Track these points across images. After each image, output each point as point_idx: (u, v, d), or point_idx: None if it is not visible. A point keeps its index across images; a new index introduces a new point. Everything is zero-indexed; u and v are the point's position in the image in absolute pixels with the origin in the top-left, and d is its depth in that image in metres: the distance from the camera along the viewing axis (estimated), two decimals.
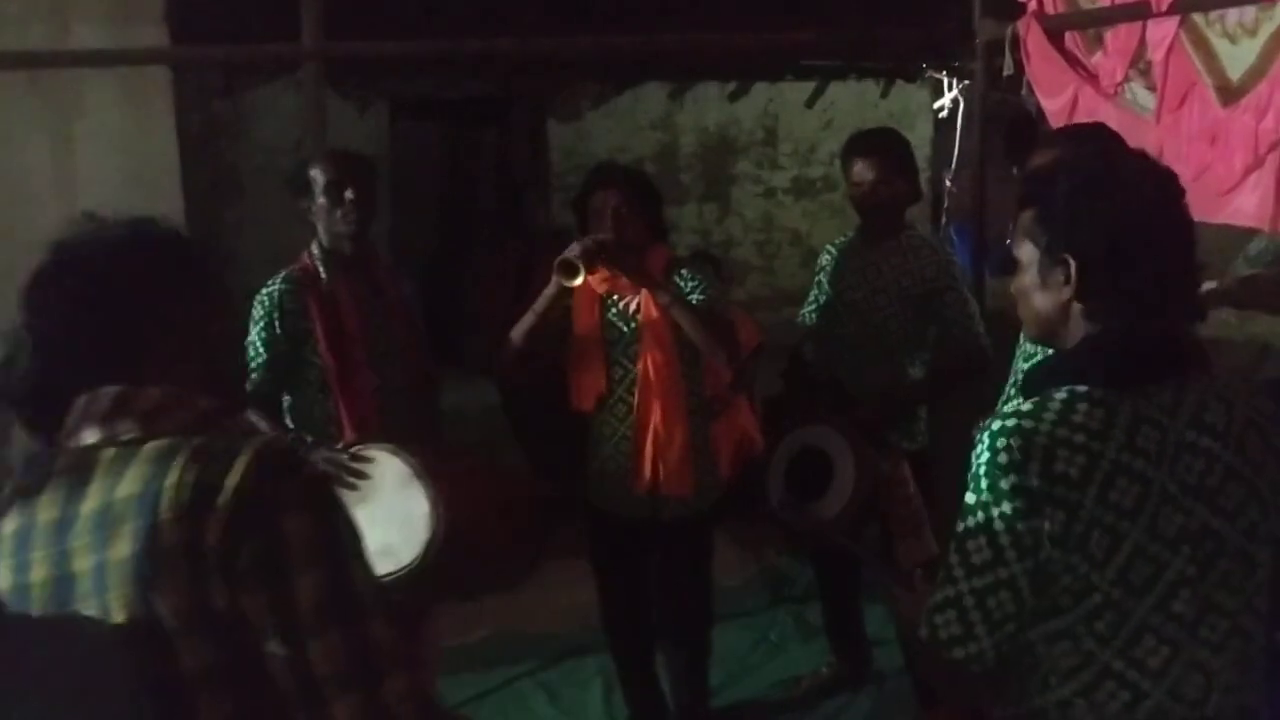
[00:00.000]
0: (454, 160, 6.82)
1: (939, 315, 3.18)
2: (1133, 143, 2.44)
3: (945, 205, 8.59)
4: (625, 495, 3.02)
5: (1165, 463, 1.42)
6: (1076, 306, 1.49)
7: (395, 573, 2.38)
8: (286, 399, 2.91)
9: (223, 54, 4.31)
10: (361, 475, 2.47)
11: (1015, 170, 8.50)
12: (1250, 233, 5.73)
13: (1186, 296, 1.52)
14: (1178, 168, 2.94)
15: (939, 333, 3.21)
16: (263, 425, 1.53)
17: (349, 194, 2.83)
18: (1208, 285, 6.07)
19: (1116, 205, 1.46)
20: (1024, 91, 3.94)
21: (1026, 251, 1.54)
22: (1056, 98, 3.72)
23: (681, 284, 2.97)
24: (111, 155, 4.05)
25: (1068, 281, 1.48)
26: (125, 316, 1.25)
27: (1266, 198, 3.01)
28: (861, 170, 3.23)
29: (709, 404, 3.21)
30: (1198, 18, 3.21)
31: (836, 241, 3.50)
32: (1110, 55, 3.54)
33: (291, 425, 2.87)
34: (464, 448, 3.19)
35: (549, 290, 2.87)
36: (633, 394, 2.95)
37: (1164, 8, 3.23)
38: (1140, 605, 1.42)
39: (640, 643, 3.30)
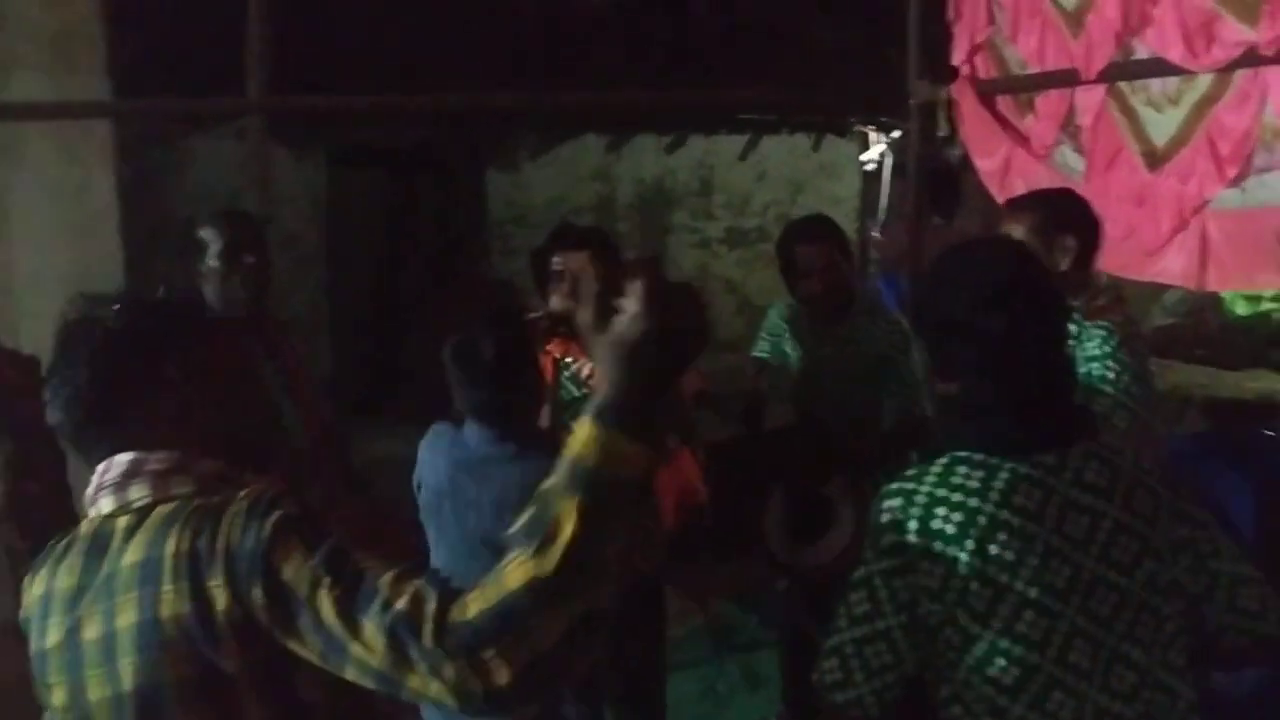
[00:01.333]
0: (392, 209, 6.81)
1: (887, 385, 3.29)
2: None
3: (870, 255, 8.80)
4: None
5: (1048, 519, 1.49)
6: (969, 389, 1.59)
7: None
8: None
9: (166, 107, 4.28)
10: None
11: (936, 220, 8.72)
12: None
13: (1054, 369, 1.62)
14: (1108, 228, 3.09)
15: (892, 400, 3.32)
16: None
17: (248, 258, 2.74)
18: None
19: (960, 288, 1.58)
20: (958, 151, 4.08)
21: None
22: (990, 159, 3.86)
23: None
24: (49, 206, 3.99)
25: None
26: (127, 385, 1.28)
27: (1192, 258, 3.15)
28: (809, 257, 3.32)
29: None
30: (1124, 86, 3.37)
31: (785, 312, 3.58)
32: (1041, 119, 3.69)
33: None
34: (367, 501, 3.18)
35: None
36: None
37: (1092, 76, 3.38)
38: (1043, 658, 1.48)
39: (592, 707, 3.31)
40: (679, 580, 4.69)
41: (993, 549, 1.47)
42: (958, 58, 4.04)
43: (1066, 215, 2.58)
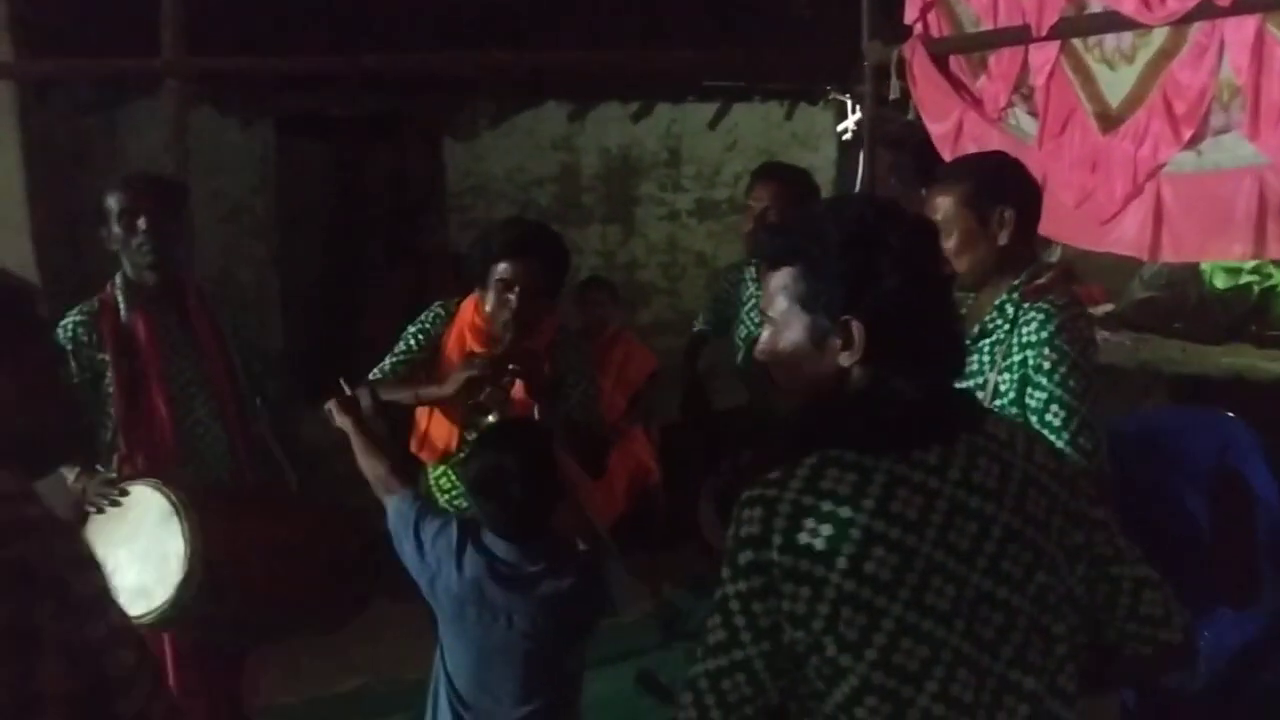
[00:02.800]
0: (344, 180, 6.59)
1: None
2: None
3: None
4: None
5: (930, 529, 1.29)
6: (859, 370, 1.37)
7: (149, 613, 2.35)
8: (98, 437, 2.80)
9: (73, 68, 4.06)
10: (116, 505, 2.48)
11: (925, 191, 8.58)
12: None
13: (952, 352, 1.43)
14: (1061, 194, 2.91)
15: None
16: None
17: (141, 222, 2.71)
18: (1105, 308, 6.12)
19: (897, 260, 1.34)
20: (911, 115, 3.88)
21: (786, 313, 1.41)
22: (942, 122, 3.66)
23: (570, 381, 2.85)
24: None
25: (848, 346, 1.36)
26: None
27: (1145, 226, 2.97)
28: (759, 195, 3.18)
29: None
30: (1078, 43, 3.17)
31: (747, 268, 3.41)
32: (994, 80, 3.49)
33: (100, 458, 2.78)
34: (281, 485, 3.03)
35: (445, 394, 2.76)
36: None
37: (1044, 32, 3.19)
38: (919, 693, 1.28)
39: None
40: (630, 564, 4.53)
41: (868, 567, 1.27)
42: (910, 15, 3.84)
43: (1001, 183, 2.37)
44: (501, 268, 2.78)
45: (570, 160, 7.10)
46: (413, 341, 2.87)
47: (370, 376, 2.85)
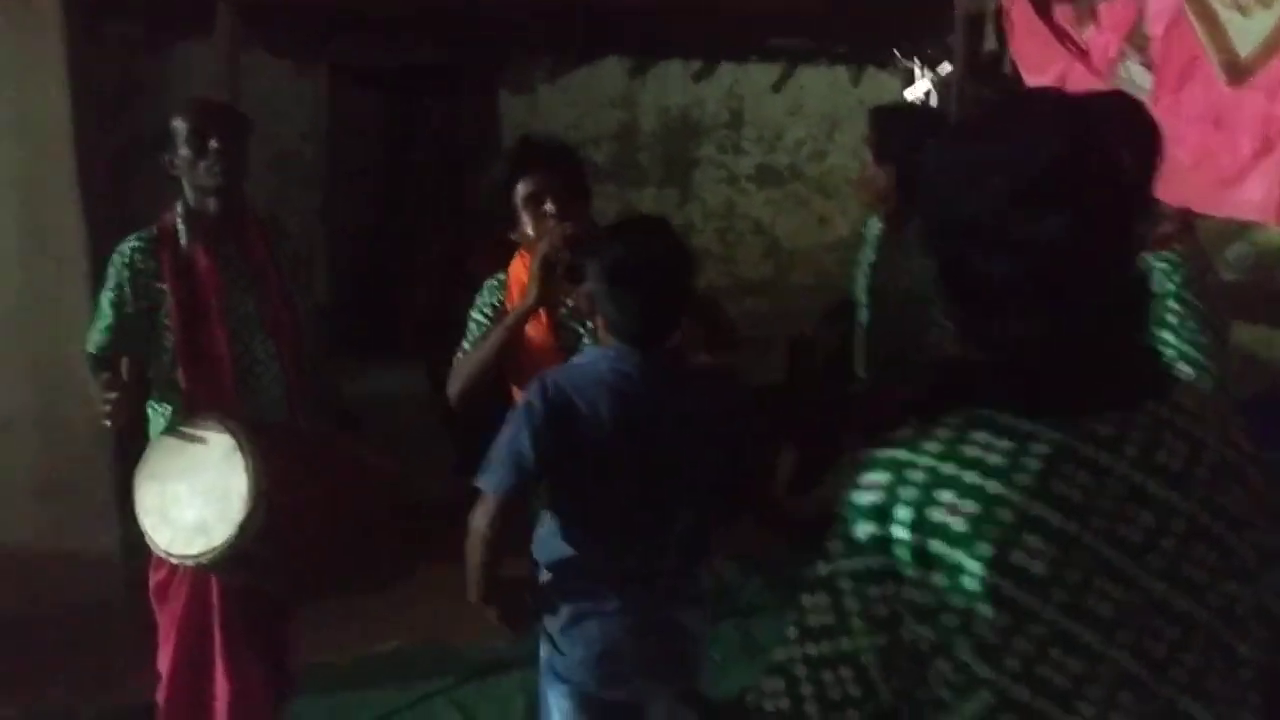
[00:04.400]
0: (396, 132, 6.41)
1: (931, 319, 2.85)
2: None
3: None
4: None
5: (1098, 516, 1.04)
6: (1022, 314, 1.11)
7: (207, 552, 2.22)
8: (151, 367, 2.66)
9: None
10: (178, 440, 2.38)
11: None
12: (1227, 229, 5.40)
13: (1137, 297, 1.15)
14: (1177, 152, 2.60)
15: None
16: None
17: (213, 143, 2.57)
18: None
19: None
20: (1006, 71, 3.62)
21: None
22: (1042, 75, 3.39)
23: None
24: None
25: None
26: None
27: (1274, 188, 2.69)
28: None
29: None
30: None
31: (869, 221, 3.18)
32: (1104, 30, 3.21)
33: (152, 394, 2.67)
34: (342, 435, 2.85)
35: (532, 300, 2.39)
36: None
37: None
38: (1069, 715, 1.02)
39: None
40: None
41: (1017, 557, 1.01)
42: None
43: (1117, 124, 2.11)
44: (521, 187, 2.55)
45: (628, 119, 6.89)
46: (480, 317, 2.61)
47: (455, 359, 2.58)
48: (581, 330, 2.57)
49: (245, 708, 2.66)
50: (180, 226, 2.64)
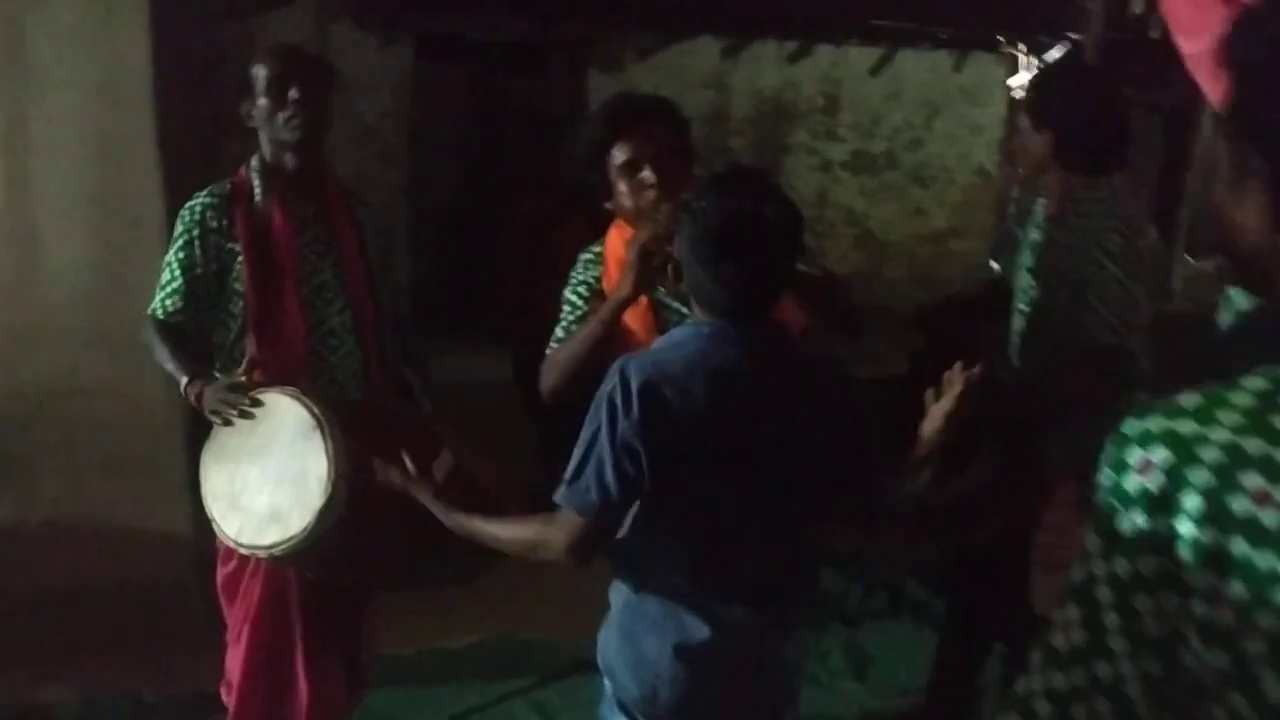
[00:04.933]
0: (482, 109, 6.24)
1: (1087, 303, 2.55)
2: None
3: (1014, 195, 7.93)
4: None
5: None
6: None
7: (282, 542, 1.98)
8: (217, 334, 2.41)
9: None
10: (248, 417, 2.13)
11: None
12: None
13: None
14: None
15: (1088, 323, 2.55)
16: None
17: (294, 93, 2.33)
18: None
19: None
20: (1155, 35, 3.30)
21: (1221, 147, 0.91)
22: (1199, 38, 3.05)
23: None
24: (76, 68, 3.49)
25: (1267, 193, 0.86)
26: None
27: None
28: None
29: None
30: None
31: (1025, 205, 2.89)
32: None
33: (216, 363, 2.40)
34: (423, 416, 2.60)
35: (627, 293, 2.10)
36: None
37: None
38: None
39: None
40: None
41: None
42: None
43: None
44: (618, 151, 2.27)
45: (720, 100, 6.63)
46: (575, 298, 2.34)
47: (549, 349, 2.34)
48: (685, 310, 2.32)
49: (326, 712, 2.43)
50: (256, 182, 2.40)
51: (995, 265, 6.45)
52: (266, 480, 2.06)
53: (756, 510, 1.73)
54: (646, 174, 2.23)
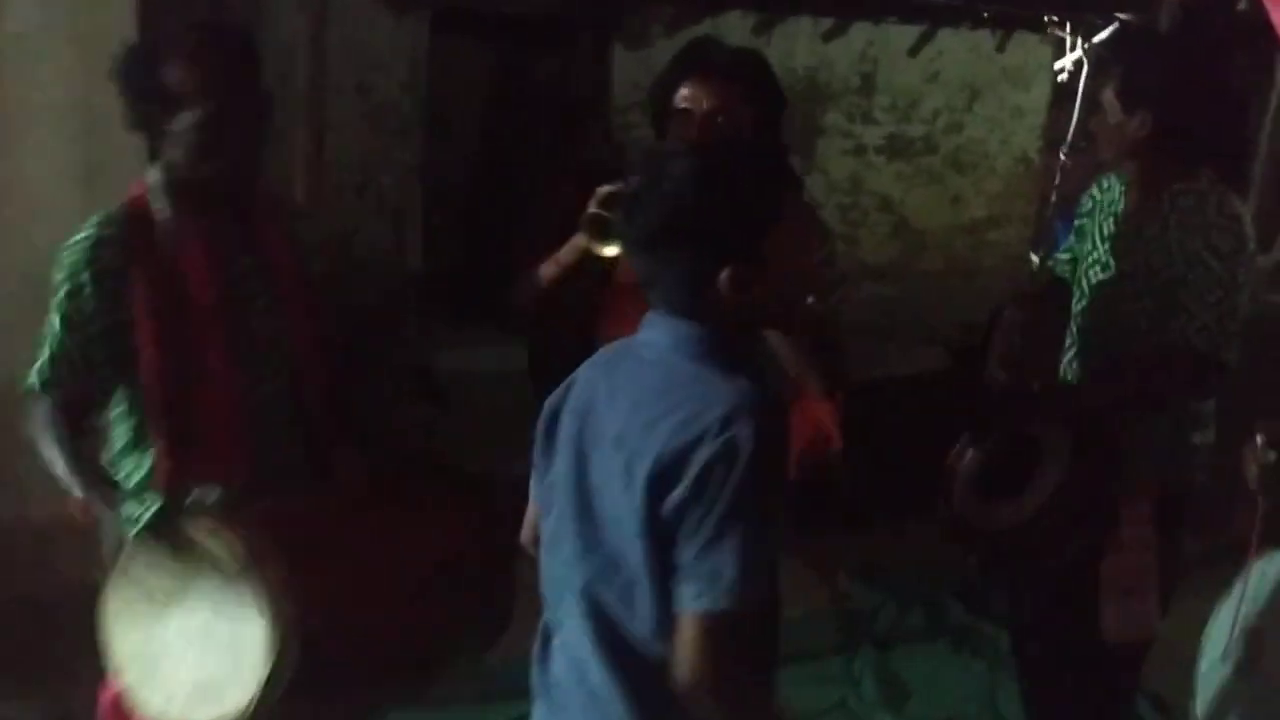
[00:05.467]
0: (502, 85, 5.97)
1: (1178, 296, 2.29)
2: None
3: (1056, 183, 7.59)
4: None
5: None
6: None
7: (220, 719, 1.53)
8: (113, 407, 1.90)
9: None
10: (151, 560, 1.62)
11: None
12: None
13: None
14: None
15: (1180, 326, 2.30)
16: None
17: (201, 83, 1.76)
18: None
19: None
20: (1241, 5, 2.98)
21: None
22: None
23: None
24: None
25: None
26: None
27: None
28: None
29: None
30: None
31: (1105, 181, 2.60)
32: None
33: (117, 447, 1.89)
34: (394, 475, 2.11)
35: (567, 254, 2.14)
36: None
37: None
38: None
39: None
40: (800, 548, 3.86)
41: None
42: None
43: None
44: (680, 95, 2.05)
45: None
46: None
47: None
48: None
49: None
50: (158, 199, 1.84)
51: (1035, 258, 6.29)
52: (190, 644, 1.61)
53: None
54: (691, 132, 2.01)
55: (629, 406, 1.49)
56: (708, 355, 1.48)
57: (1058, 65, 7.44)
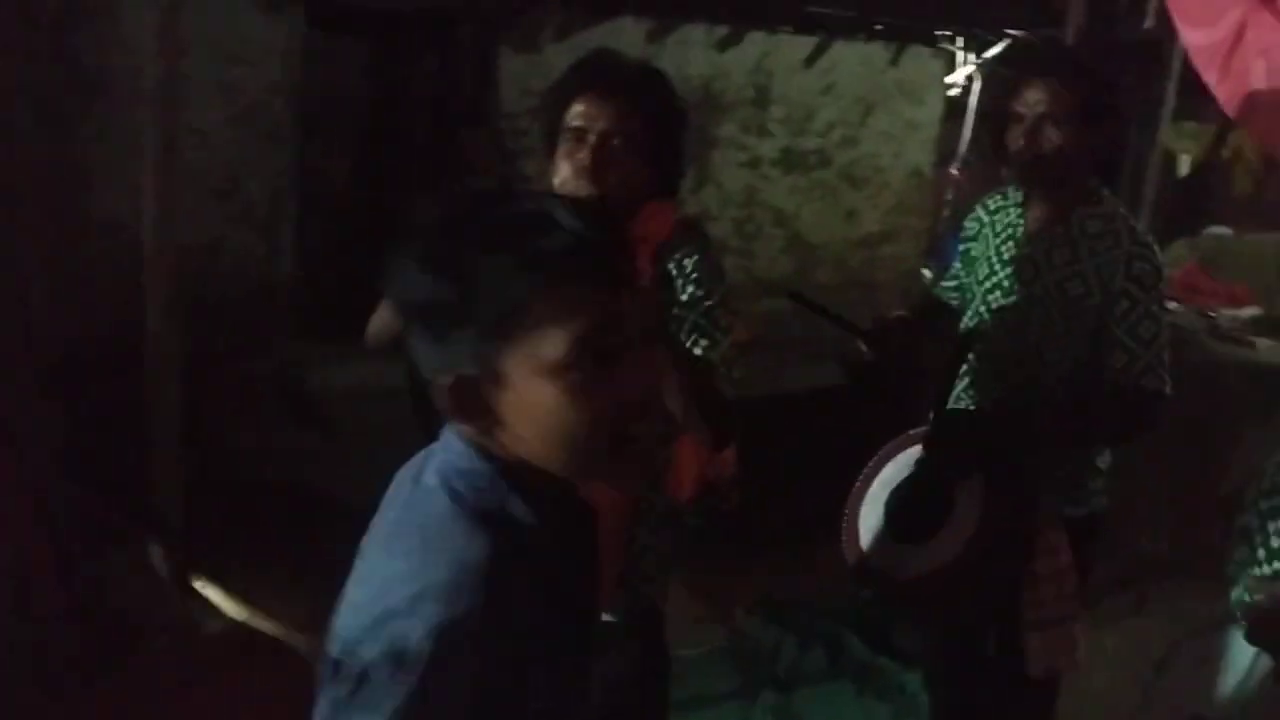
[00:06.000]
0: (381, 86, 5.65)
1: (1107, 331, 2.18)
2: None
3: (948, 198, 7.57)
4: None
5: None
6: None
7: None
8: None
9: None
10: None
11: (968, 158, 7.41)
12: None
13: None
14: None
15: (1103, 354, 2.22)
16: None
17: None
18: (1250, 311, 5.14)
19: None
20: (1148, 22, 2.89)
21: None
22: (1208, 28, 2.66)
23: (679, 280, 1.96)
24: None
25: None
26: None
27: None
28: (1031, 96, 2.18)
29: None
30: None
31: (991, 202, 2.45)
32: None
33: None
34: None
35: None
36: None
37: None
38: None
39: None
40: (693, 582, 3.66)
41: None
42: None
43: None
44: (573, 111, 1.89)
45: None
46: None
47: None
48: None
49: None
50: None
51: (927, 272, 6.19)
52: None
53: None
54: (583, 155, 1.85)
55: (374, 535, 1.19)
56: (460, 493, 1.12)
57: (949, 79, 7.46)
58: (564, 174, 1.90)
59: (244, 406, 4.77)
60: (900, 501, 2.25)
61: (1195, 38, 2.73)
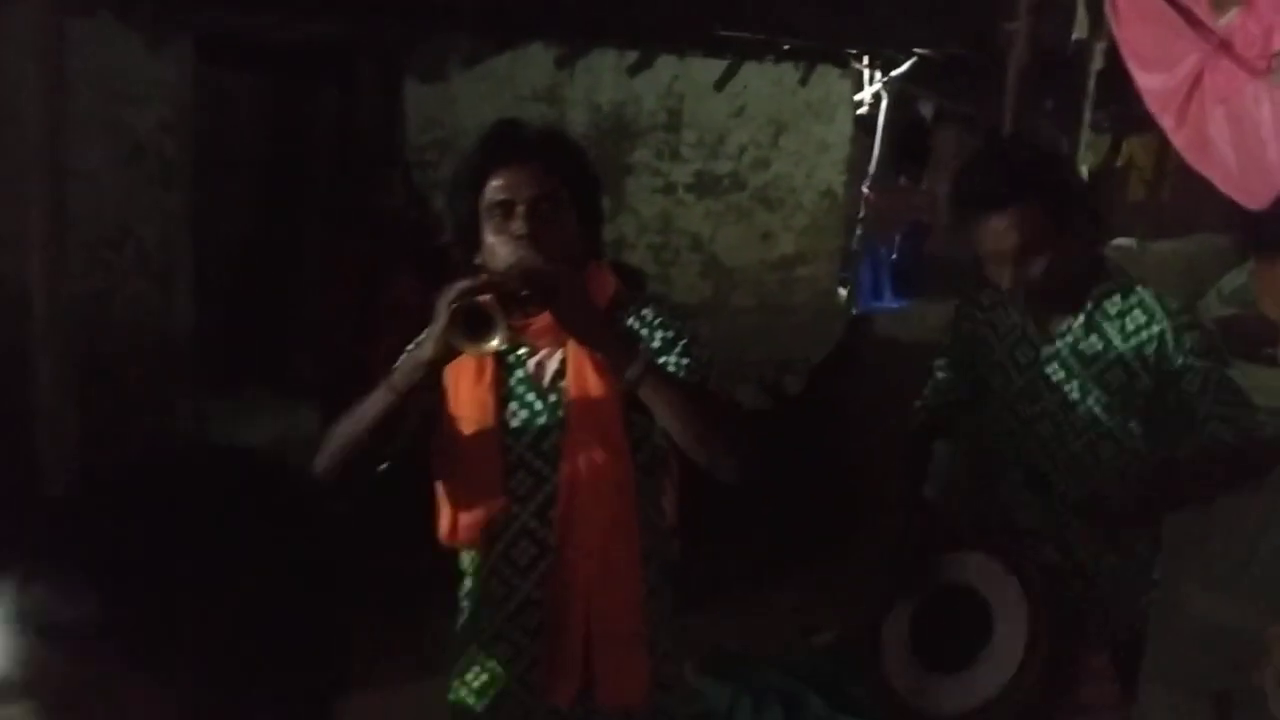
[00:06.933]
0: (279, 122, 5.37)
1: (1181, 405, 2.06)
2: None
3: (860, 216, 7.57)
4: (527, 708, 1.80)
5: None
6: None
7: None
8: None
9: None
10: None
11: (903, 181, 7.44)
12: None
13: None
14: None
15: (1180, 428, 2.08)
16: None
17: None
18: None
19: None
20: (1094, 66, 2.82)
21: None
22: (1165, 73, 2.60)
23: (645, 331, 1.79)
24: None
25: None
26: None
27: None
28: (998, 230, 2.02)
29: (670, 540, 1.95)
30: None
31: (984, 299, 2.25)
32: (1258, 11, 2.44)
33: None
34: None
35: (425, 353, 1.66)
36: (548, 524, 1.77)
37: None
38: None
39: None
40: None
41: None
42: None
43: None
44: (493, 186, 1.78)
45: (554, 115, 5.92)
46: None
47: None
48: (539, 406, 1.77)
49: None
50: None
51: (843, 291, 6.06)
52: None
53: None
54: (516, 225, 1.72)
55: None
56: None
57: (857, 98, 7.45)
58: (501, 252, 1.74)
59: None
60: (929, 625, 2.08)
61: (1150, 82, 2.67)
